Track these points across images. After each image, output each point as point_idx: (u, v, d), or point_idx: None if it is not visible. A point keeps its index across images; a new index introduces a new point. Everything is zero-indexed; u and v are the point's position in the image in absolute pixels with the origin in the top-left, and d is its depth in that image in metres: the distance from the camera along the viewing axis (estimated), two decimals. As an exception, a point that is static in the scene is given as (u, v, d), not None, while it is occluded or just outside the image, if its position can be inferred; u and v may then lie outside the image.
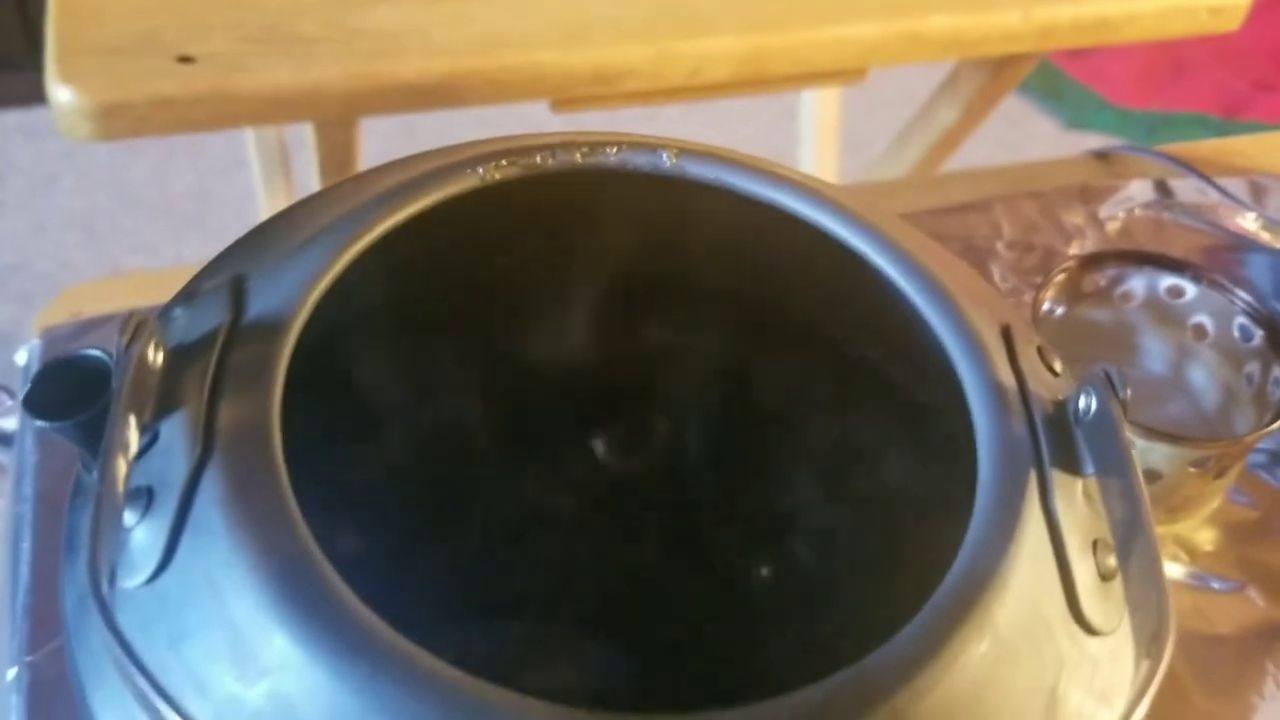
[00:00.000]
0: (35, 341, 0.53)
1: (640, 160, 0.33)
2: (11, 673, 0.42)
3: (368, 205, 0.32)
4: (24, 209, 1.53)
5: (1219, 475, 0.50)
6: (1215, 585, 0.51)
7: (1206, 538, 0.52)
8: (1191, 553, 0.52)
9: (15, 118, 1.56)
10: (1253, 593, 0.50)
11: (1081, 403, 0.28)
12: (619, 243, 0.36)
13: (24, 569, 0.45)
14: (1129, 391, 0.28)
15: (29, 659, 0.43)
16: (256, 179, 1.13)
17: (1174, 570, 0.51)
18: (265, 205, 1.13)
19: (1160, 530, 0.52)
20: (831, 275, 0.33)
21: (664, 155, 0.33)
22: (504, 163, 0.33)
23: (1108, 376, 0.28)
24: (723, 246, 0.36)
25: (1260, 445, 0.54)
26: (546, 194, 0.34)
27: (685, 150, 0.34)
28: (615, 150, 0.33)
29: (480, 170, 0.33)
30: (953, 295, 0.30)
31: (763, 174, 0.33)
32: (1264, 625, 0.49)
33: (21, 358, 0.53)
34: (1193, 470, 0.49)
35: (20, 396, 0.28)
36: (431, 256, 0.33)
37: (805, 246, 0.33)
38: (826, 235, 0.33)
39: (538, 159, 0.33)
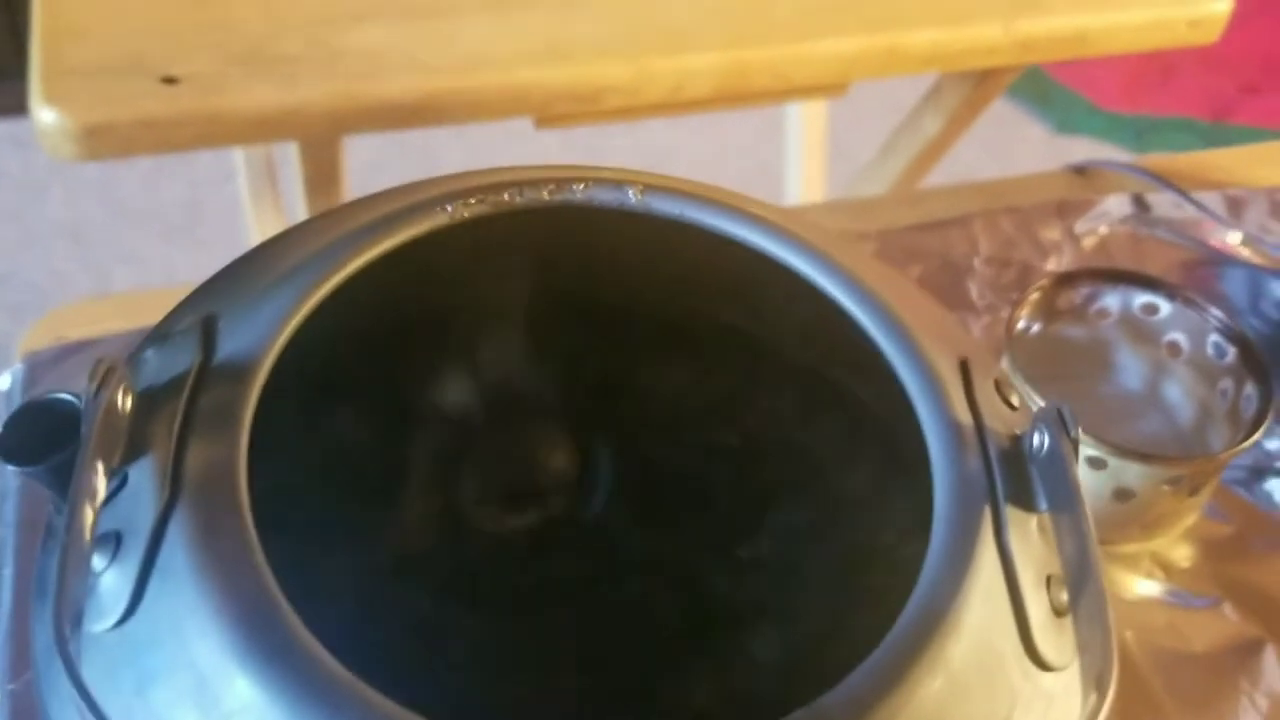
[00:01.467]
0: (18, 366, 0.54)
1: (606, 197, 0.34)
2: (-7, 701, 0.43)
3: (337, 244, 0.32)
4: (13, 219, 1.53)
5: (1194, 492, 0.51)
6: (1191, 602, 0.51)
7: (1182, 554, 0.53)
8: (1167, 569, 0.52)
9: (4, 127, 1.56)
10: (1228, 609, 0.51)
11: (1035, 439, 0.29)
12: (586, 279, 0.36)
13: (5, 596, 0.46)
14: (1080, 430, 0.28)
15: (11, 687, 0.43)
16: (244, 193, 1.13)
17: (1150, 587, 0.51)
18: (253, 219, 1.13)
19: (1136, 547, 0.52)
20: (793, 310, 0.33)
21: (629, 191, 0.34)
22: (472, 200, 0.33)
23: (1059, 414, 0.28)
24: (686, 281, 0.36)
25: (1235, 461, 0.55)
26: (514, 231, 0.34)
27: (650, 186, 0.34)
28: (582, 186, 0.34)
29: (449, 208, 0.33)
30: (911, 331, 0.31)
31: (727, 209, 0.34)
32: (1239, 642, 0.50)
33: (4, 382, 0.53)
34: (1167, 488, 0.50)
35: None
36: (401, 294, 0.33)
37: (767, 281, 0.33)
38: (788, 270, 0.33)
39: (505, 196, 0.33)
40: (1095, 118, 1.79)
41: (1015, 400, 0.31)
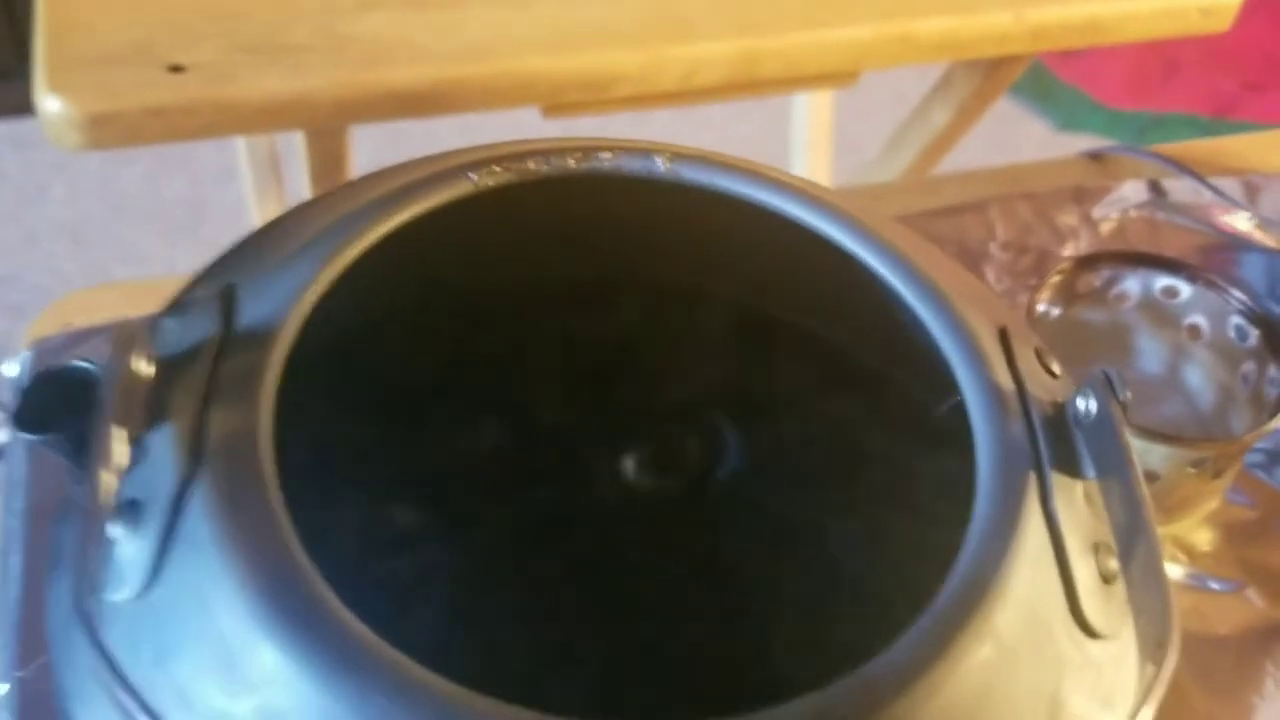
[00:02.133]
0: (25, 353, 0.53)
1: (634, 165, 0.33)
2: (2, 689, 0.42)
3: (359, 213, 0.31)
4: (14, 219, 1.52)
5: (1216, 475, 0.50)
6: (1214, 585, 0.51)
7: (1205, 538, 0.52)
8: (1190, 553, 0.52)
9: (4, 127, 1.56)
10: (1251, 593, 0.50)
11: (1081, 405, 0.28)
12: (613, 248, 0.36)
13: (13, 584, 0.45)
14: (1129, 393, 0.27)
15: (19, 675, 0.42)
16: (248, 187, 1.12)
17: (1172, 571, 0.51)
18: (257, 213, 1.12)
19: (1158, 531, 0.52)
20: (827, 279, 0.33)
21: (658, 160, 0.33)
22: (497, 169, 0.32)
23: (1107, 378, 0.27)
24: (718, 251, 0.35)
25: (1258, 445, 0.54)
26: (540, 200, 0.33)
27: (679, 155, 0.33)
28: (609, 155, 0.33)
29: (473, 176, 0.32)
30: (949, 298, 0.30)
31: (757, 178, 0.33)
32: (1263, 625, 0.49)
33: (11, 370, 0.53)
34: (1190, 471, 0.49)
35: (10, 409, 0.28)
36: (424, 264, 0.32)
37: (800, 251, 0.33)
38: (822, 239, 0.32)
39: (531, 165, 0.33)
40: (1097, 114, 1.79)
41: (1056, 368, 0.30)
